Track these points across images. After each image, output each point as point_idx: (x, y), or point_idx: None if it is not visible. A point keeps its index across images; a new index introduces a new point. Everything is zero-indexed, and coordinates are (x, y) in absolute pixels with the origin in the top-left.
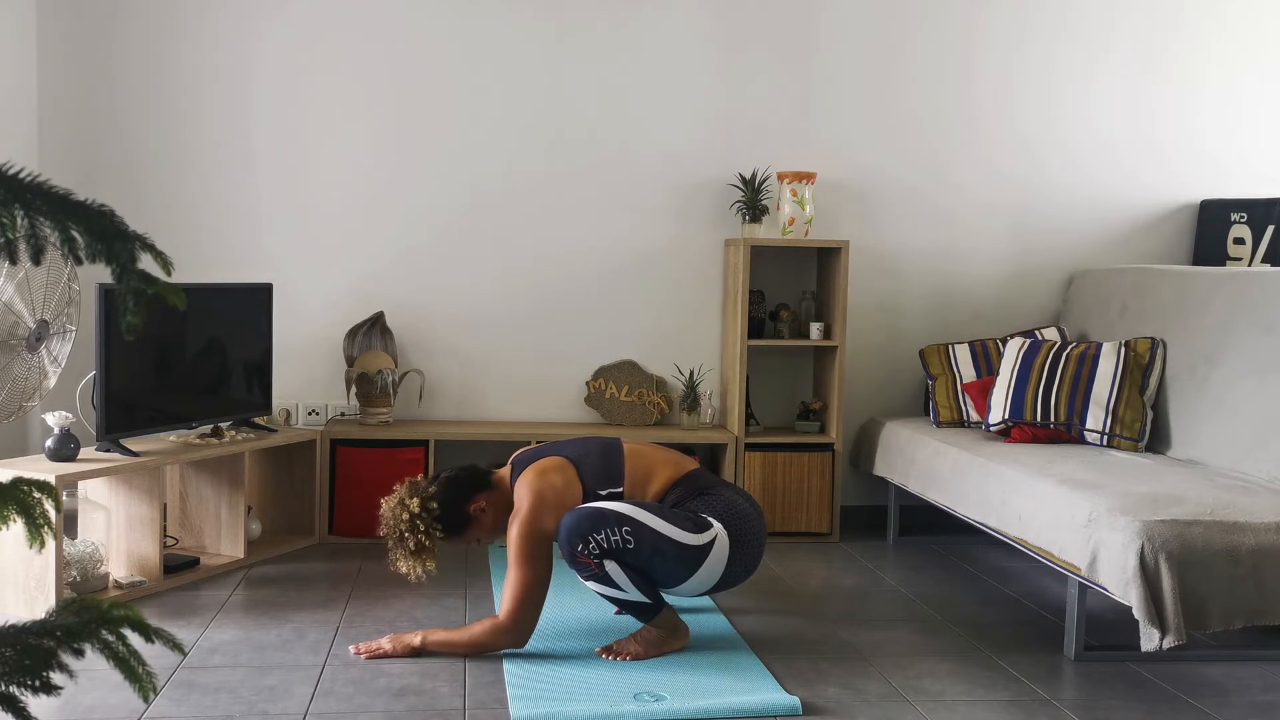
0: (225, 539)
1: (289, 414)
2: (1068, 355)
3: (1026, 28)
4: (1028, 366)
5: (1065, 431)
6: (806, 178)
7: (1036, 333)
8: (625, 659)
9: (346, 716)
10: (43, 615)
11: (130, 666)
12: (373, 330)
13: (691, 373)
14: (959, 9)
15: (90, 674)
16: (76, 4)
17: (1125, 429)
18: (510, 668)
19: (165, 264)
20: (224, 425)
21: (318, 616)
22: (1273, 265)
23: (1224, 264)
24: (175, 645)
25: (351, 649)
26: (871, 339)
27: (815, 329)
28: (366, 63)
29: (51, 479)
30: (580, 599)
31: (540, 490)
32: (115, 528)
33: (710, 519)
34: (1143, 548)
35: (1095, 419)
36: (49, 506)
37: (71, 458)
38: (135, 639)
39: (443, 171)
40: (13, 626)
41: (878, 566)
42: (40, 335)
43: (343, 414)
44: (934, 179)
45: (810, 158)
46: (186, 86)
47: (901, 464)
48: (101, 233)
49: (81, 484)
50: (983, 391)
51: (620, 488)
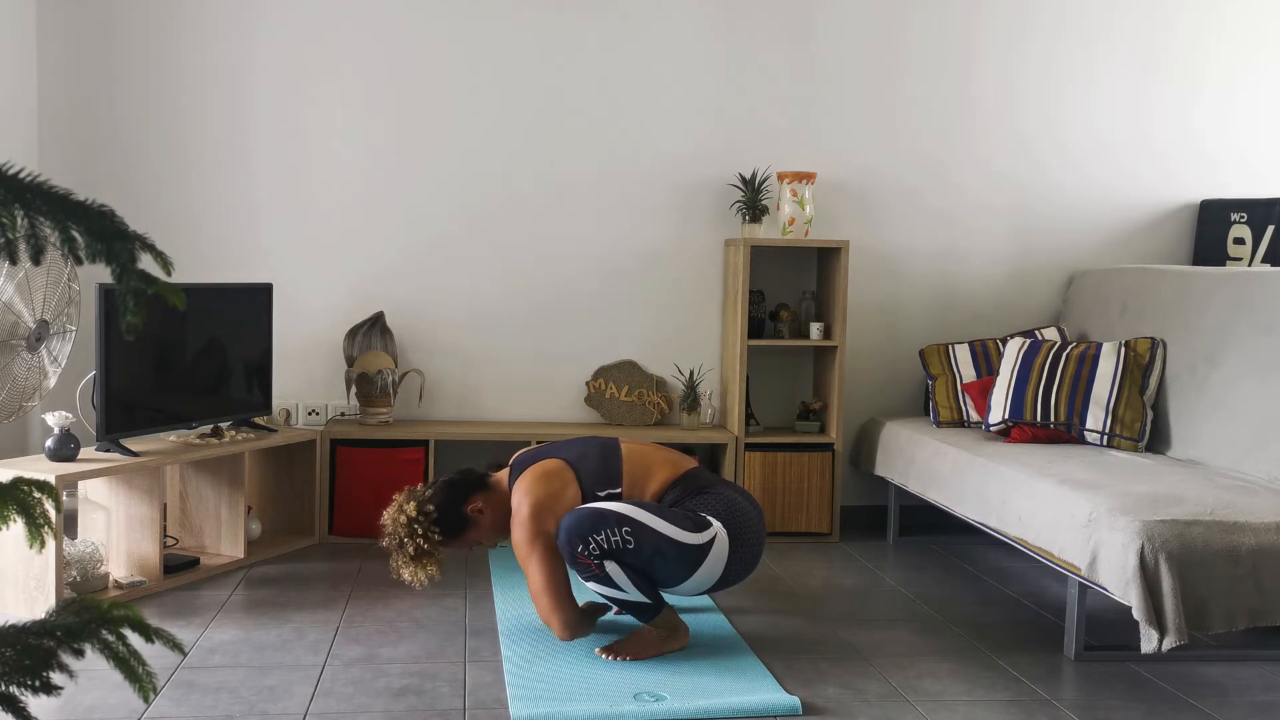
0: (225, 539)
1: (289, 414)
2: (1068, 355)
3: (1026, 27)
4: (1028, 366)
5: (1065, 431)
6: (806, 178)
7: (1036, 333)
8: (625, 659)
9: (346, 716)
10: (43, 615)
11: (130, 666)
12: (373, 330)
13: (691, 373)
14: (959, 9)
15: (90, 674)
16: (76, 4)
17: (1125, 429)
18: (510, 668)
19: (165, 264)
20: (224, 425)
21: (318, 616)
22: (1273, 265)
23: (1224, 264)
24: (175, 645)
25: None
26: (871, 339)
27: (815, 329)
28: (366, 63)
29: (51, 479)
30: (580, 599)
31: (538, 494)
32: (115, 528)
33: (710, 518)
34: (1143, 548)
35: (1095, 419)
36: (49, 506)
37: (71, 458)
38: (135, 639)
39: (443, 171)
40: (13, 626)
41: (878, 566)
42: (40, 335)
43: (343, 414)
44: (934, 179)
45: (810, 158)
46: (186, 87)
47: (901, 464)
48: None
49: (81, 484)
50: (983, 391)
51: (618, 488)
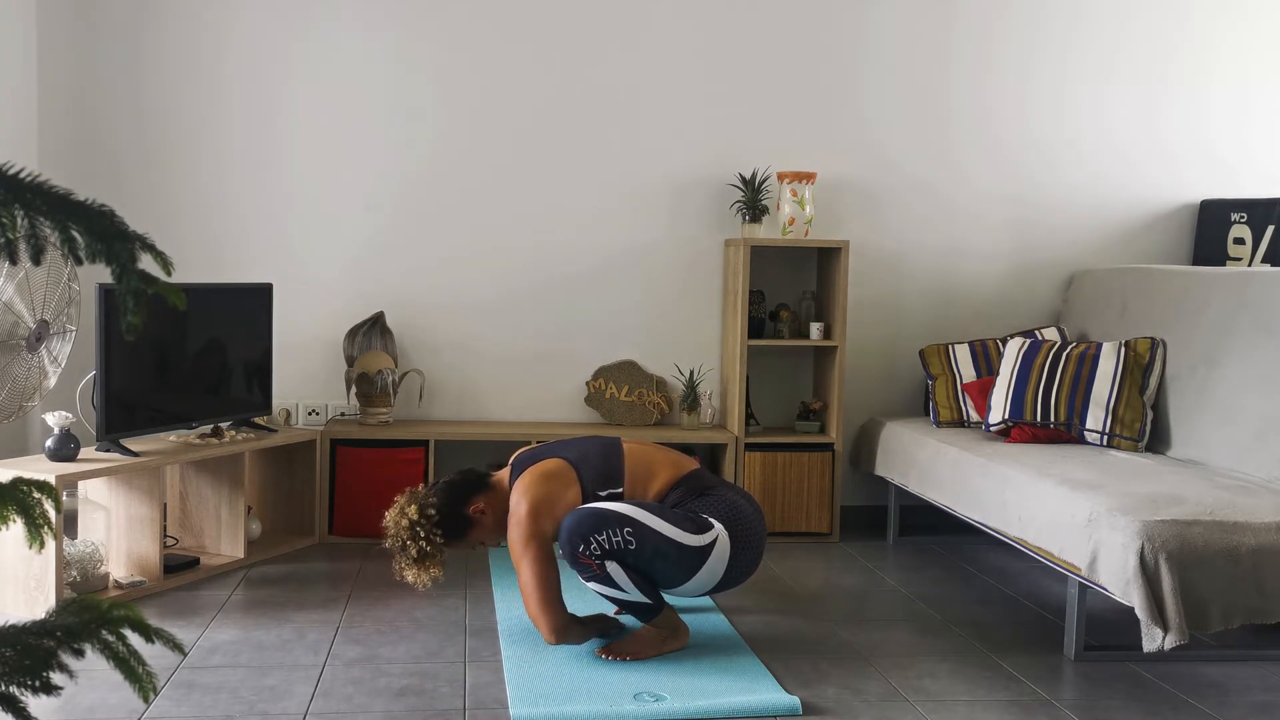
0: (225, 539)
1: (289, 414)
2: (1068, 355)
3: (1037, 28)
4: (1028, 366)
5: (1065, 431)
6: (806, 178)
7: (1036, 333)
8: (625, 659)
9: (346, 716)
10: (43, 615)
11: (130, 666)
12: (373, 330)
13: (691, 373)
14: (966, 8)
15: (90, 674)
16: (78, 4)
17: (1125, 429)
18: (510, 668)
19: (165, 264)
20: (224, 425)
21: (318, 616)
22: (1273, 265)
23: (1224, 264)
24: (175, 645)
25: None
26: (871, 339)
27: (815, 329)
28: (366, 64)
29: (51, 479)
30: (580, 599)
31: (537, 494)
32: (115, 528)
33: (711, 519)
34: (1143, 548)
35: (1095, 419)
36: (49, 506)
37: (71, 458)
38: (135, 639)
39: (443, 172)
40: (13, 626)
41: (878, 566)
42: (40, 335)
43: (343, 414)
44: (934, 179)
45: (810, 158)
46: (187, 87)
47: (901, 464)
48: (101, 233)
49: (81, 484)
50: (983, 391)
51: (620, 488)
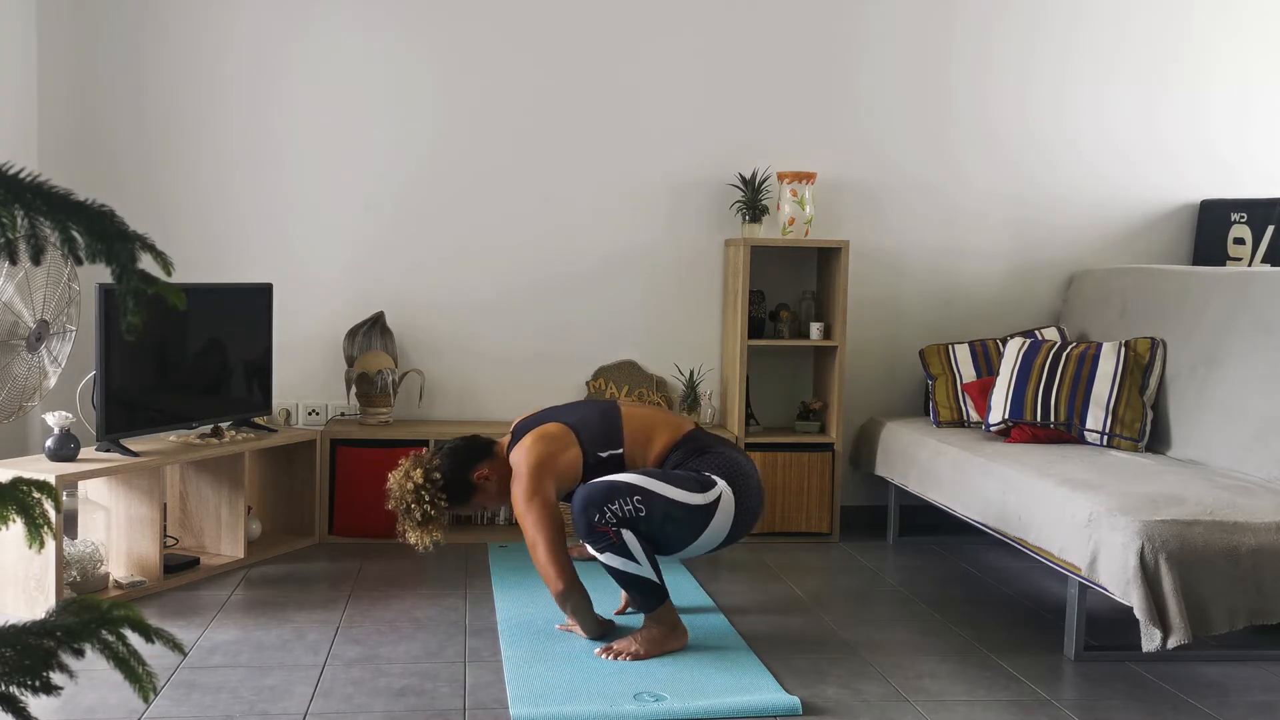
0: (225, 539)
1: (289, 414)
2: (1068, 355)
3: (1037, 28)
4: (1028, 366)
5: (1065, 431)
6: (806, 178)
7: (1036, 333)
8: (625, 659)
9: (346, 716)
10: (43, 615)
11: (130, 666)
12: (373, 330)
13: (691, 373)
14: (965, 9)
15: (90, 674)
16: (77, 4)
17: (1125, 429)
18: (510, 668)
19: (165, 264)
20: (224, 425)
21: (318, 616)
22: (1273, 265)
23: (1224, 264)
24: (175, 645)
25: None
26: (871, 339)
27: (815, 329)
28: (366, 64)
29: (51, 479)
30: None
31: (538, 453)
32: (115, 528)
33: (714, 477)
34: (1143, 548)
35: (1095, 419)
36: (49, 506)
37: (71, 458)
38: (135, 639)
39: (443, 172)
40: (13, 626)
41: (878, 566)
42: (40, 335)
43: (343, 414)
44: (934, 179)
45: (810, 158)
46: (187, 87)
47: (901, 464)
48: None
49: (81, 484)
50: (983, 391)
51: (620, 449)
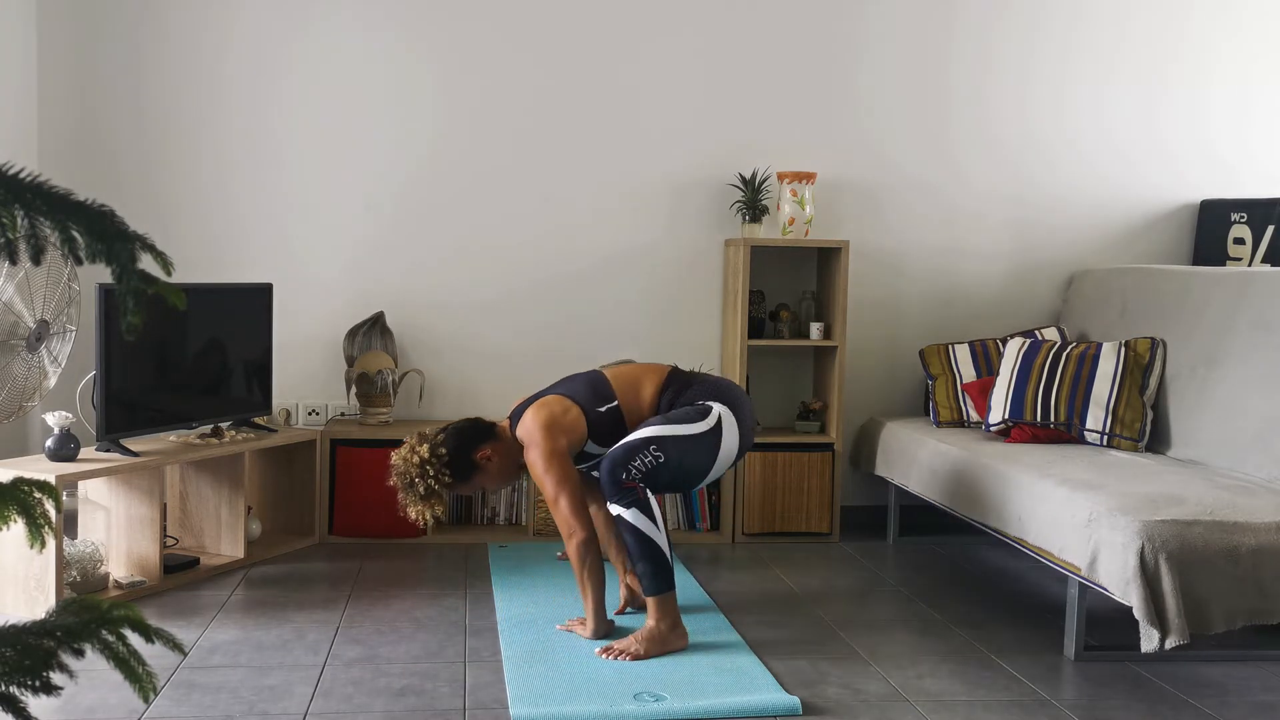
0: (225, 539)
1: (289, 414)
2: (1068, 355)
3: (1037, 27)
4: (1028, 366)
5: (1065, 431)
6: (806, 178)
7: (1036, 333)
8: (625, 659)
9: (346, 716)
10: (43, 615)
11: (130, 666)
12: (373, 330)
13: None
14: (965, 9)
15: (90, 674)
16: (77, 4)
17: (1125, 429)
18: (510, 668)
19: (165, 264)
20: (224, 425)
21: (318, 616)
22: (1273, 265)
23: (1224, 264)
24: (175, 645)
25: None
26: (871, 339)
27: (815, 329)
28: (366, 64)
29: (51, 479)
30: (580, 599)
31: (544, 417)
32: (115, 528)
33: (707, 403)
34: (1143, 548)
35: (1095, 419)
36: (49, 506)
37: (71, 458)
38: (135, 639)
39: (443, 172)
40: (13, 626)
41: (878, 566)
42: (40, 335)
43: (343, 414)
44: (934, 179)
45: (810, 158)
46: (187, 87)
47: (902, 464)
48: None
49: (81, 484)
50: (983, 391)
51: (614, 401)
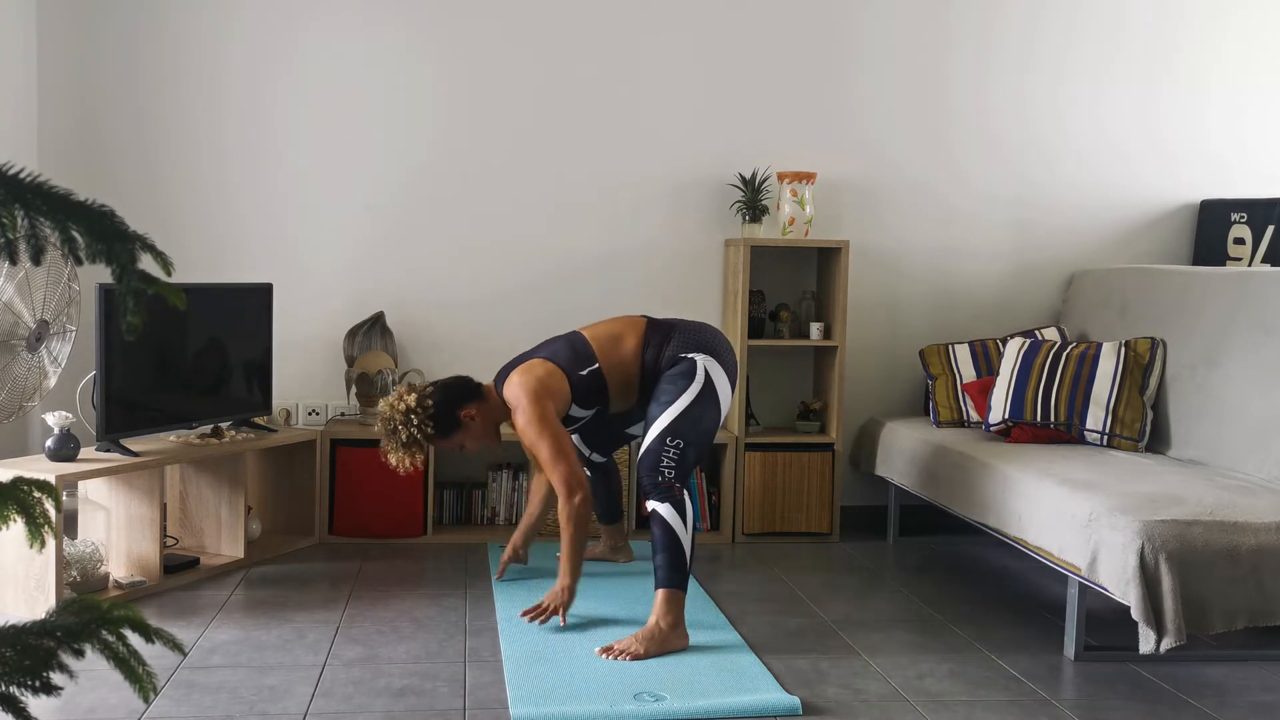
0: (225, 539)
1: (289, 414)
2: (1068, 355)
3: (1036, 28)
4: (1028, 366)
5: (1065, 431)
6: (806, 178)
7: (1036, 333)
8: (625, 659)
9: (346, 716)
10: (43, 615)
11: (130, 667)
12: (373, 330)
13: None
14: (966, 10)
15: (90, 674)
16: (77, 4)
17: (1125, 429)
18: (510, 668)
19: (165, 264)
20: (224, 425)
21: (318, 616)
22: (1273, 265)
23: (1224, 264)
24: (175, 645)
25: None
26: (871, 339)
27: (815, 329)
28: (366, 63)
29: (51, 479)
30: (581, 599)
31: (528, 383)
32: (115, 528)
33: (688, 355)
34: (1143, 548)
35: (1095, 419)
36: (49, 506)
37: (71, 458)
38: (135, 639)
39: (443, 172)
40: (13, 626)
41: (878, 566)
42: (40, 335)
43: (343, 414)
44: (934, 179)
45: (810, 158)
46: (186, 87)
47: (901, 464)
48: (102, 233)
49: (81, 484)
50: (983, 391)
51: (596, 363)
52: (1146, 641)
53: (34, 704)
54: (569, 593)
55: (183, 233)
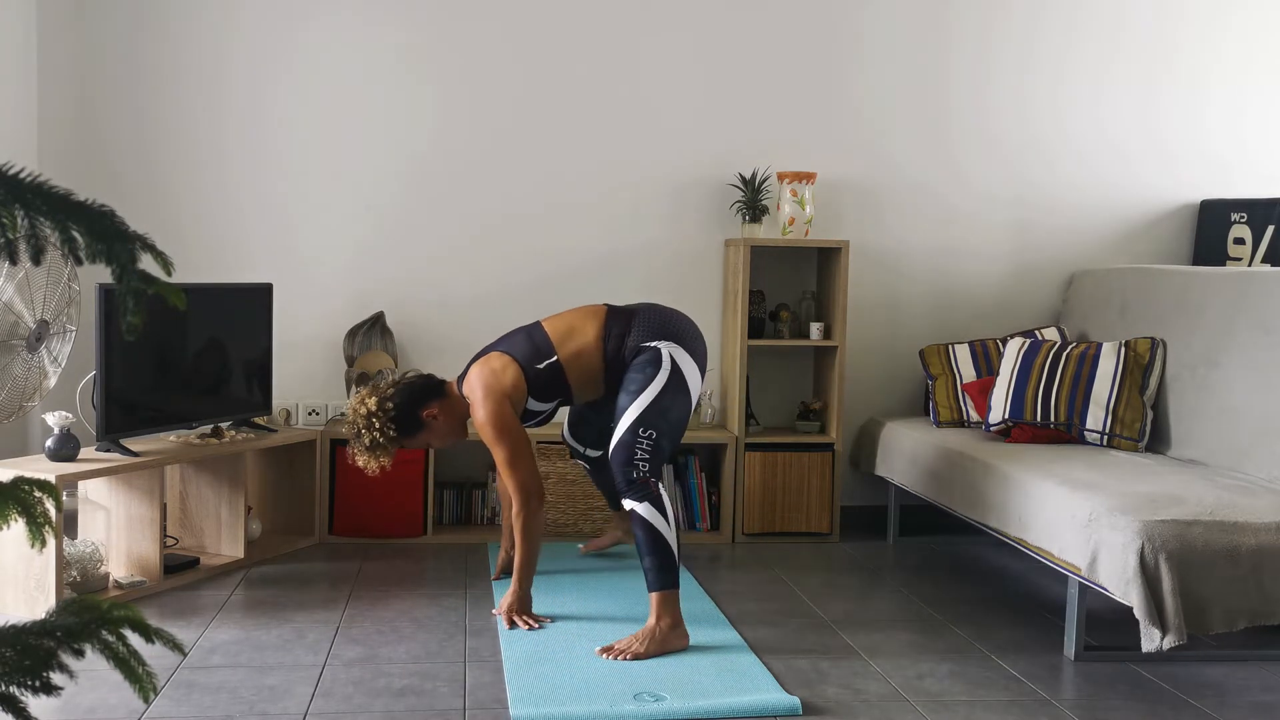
0: (225, 539)
1: (289, 414)
2: (1068, 355)
3: (1036, 28)
4: (1028, 366)
5: (1065, 431)
6: (806, 178)
7: (1036, 333)
8: (625, 659)
9: (346, 716)
10: (43, 615)
11: (130, 667)
12: (373, 330)
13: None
14: (966, 10)
15: (90, 674)
16: (77, 4)
17: (1125, 429)
18: (510, 668)
19: (165, 264)
20: (224, 425)
21: (318, 616)
22: (1273, 265)
23: (1224, 264)
24: (175, 645)
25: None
26: (871, 339)
27: (815, 329)
28: (366, 64)
29: (51, 479)
30: (581, 598)
31: (487, 376)
32: (115, 528)
33: (651, 344)
34: (1143, 548)
35: (1095, 419)
36: (49, 506)
37: (71, 458)
38: (135, 639)
39: (442, 172)
40: (13, 626)
41: (878, 566)
42: (40, 335)
43: (343, 414)
44: (934, 179)
45: (810, 158)
46: (186, 87)
47: (901, 464)
48: (102, 233)
49: (81, 484)
50: (983, 391)
51: (554, 357)
52: (1149, 640)
53: (34, 704)
54: (519, 600)
55: (183, 233)
